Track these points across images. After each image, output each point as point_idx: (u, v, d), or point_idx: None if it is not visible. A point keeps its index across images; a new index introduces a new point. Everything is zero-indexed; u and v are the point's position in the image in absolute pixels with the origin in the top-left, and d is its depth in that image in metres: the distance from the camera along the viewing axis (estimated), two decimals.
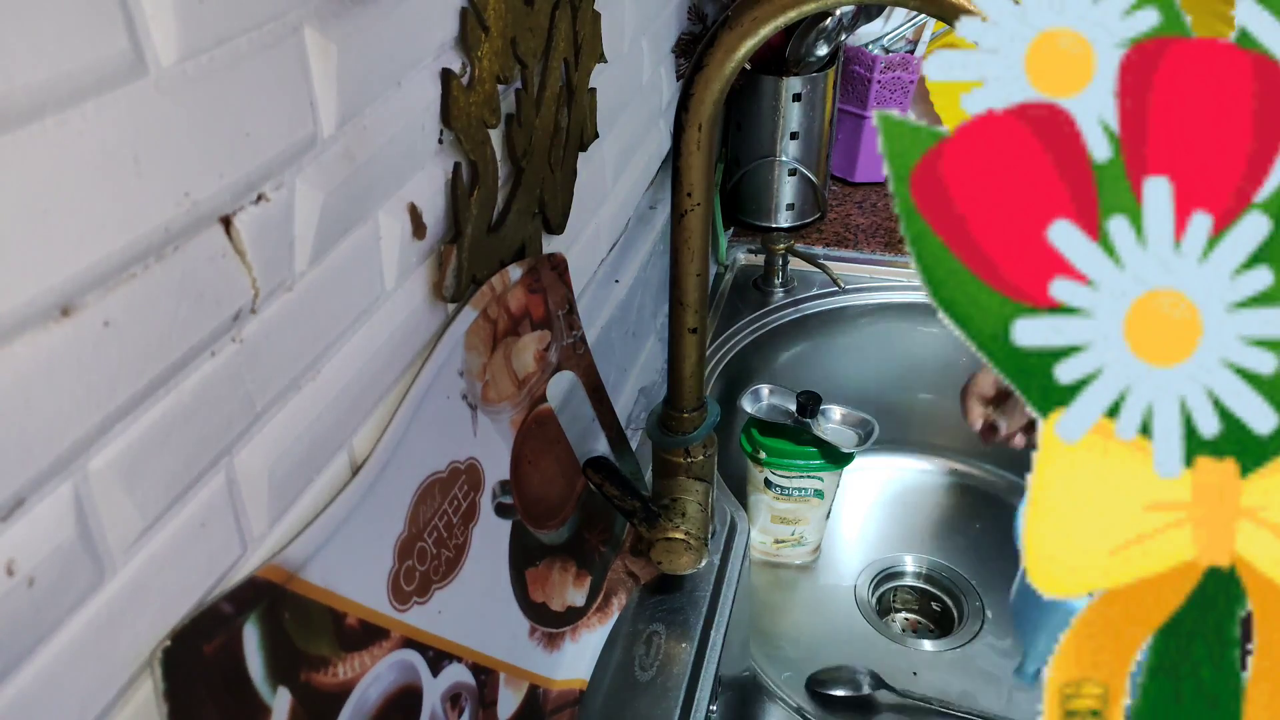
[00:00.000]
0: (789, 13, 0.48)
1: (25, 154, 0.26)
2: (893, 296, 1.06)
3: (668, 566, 0.64)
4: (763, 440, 0.86)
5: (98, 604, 0.30)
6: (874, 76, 1.15)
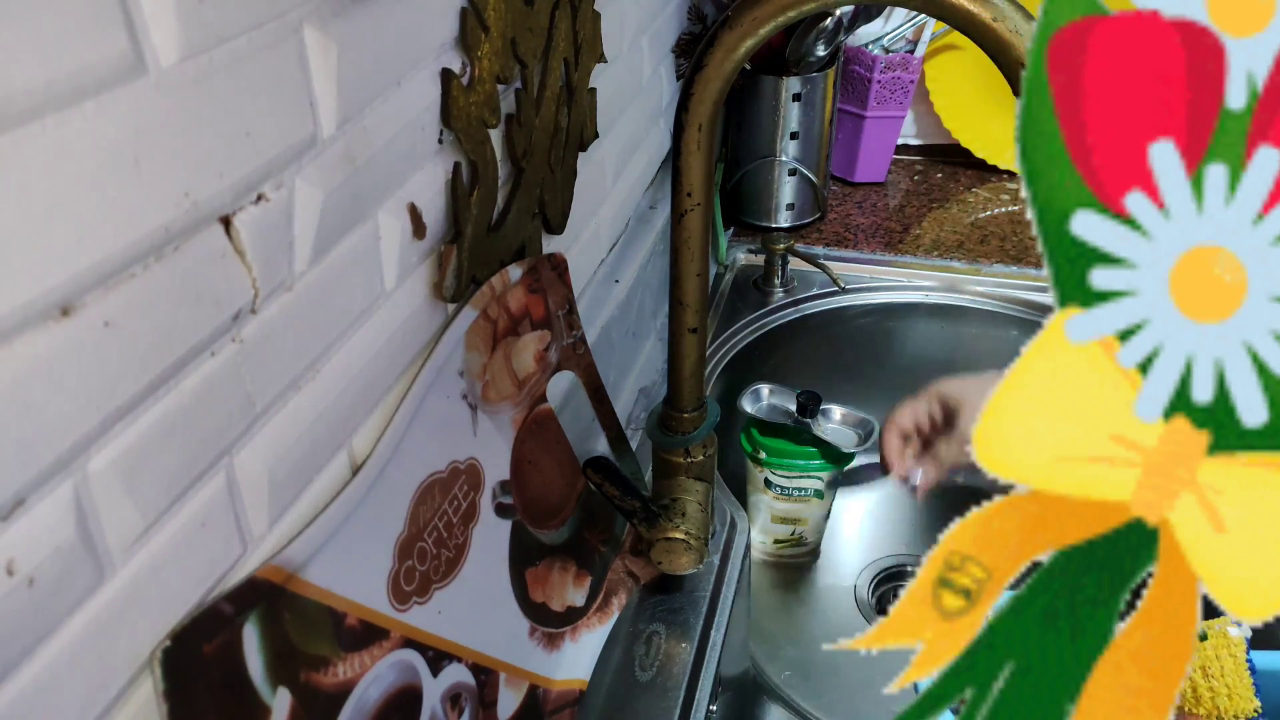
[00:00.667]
0: (789, 13, 0.48)
1: (25, 154, 0.26)
2: (893, 296, 1.06)
3: (668, 566, 0.64)
4: (763, 440, 0.86)
5: (98, 604, 0.30)
6: (874, 76, 1.15)
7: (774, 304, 1.06)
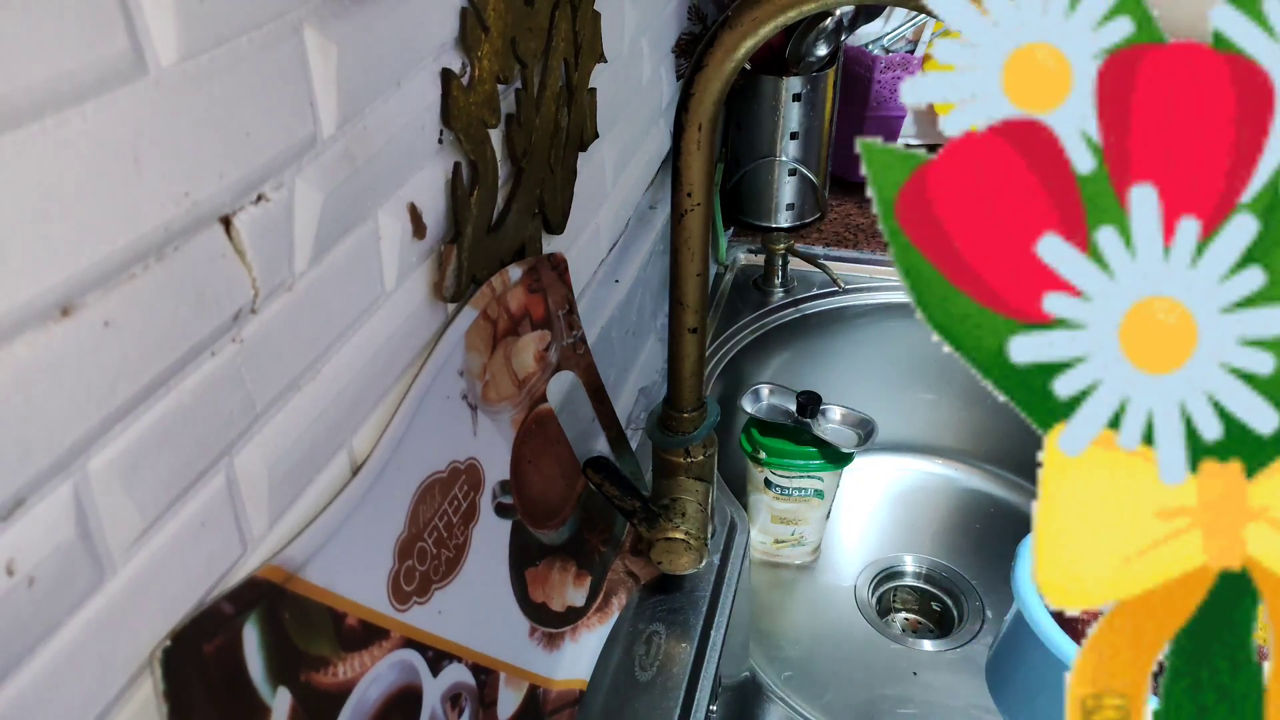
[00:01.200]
0: (789, 13, 0.48)
1: (25, 154, 0.26)
2: (893, 296, 1.06)
3: (668, 566, 0.64)
4: (763, 440, 0.86)
5: (98, 604, 0.30)
6: (874, 76, 1.15)
7: (774, 304, 1.06)
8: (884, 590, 0.96)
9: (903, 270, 0.24)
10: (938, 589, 0.95)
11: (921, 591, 0.96)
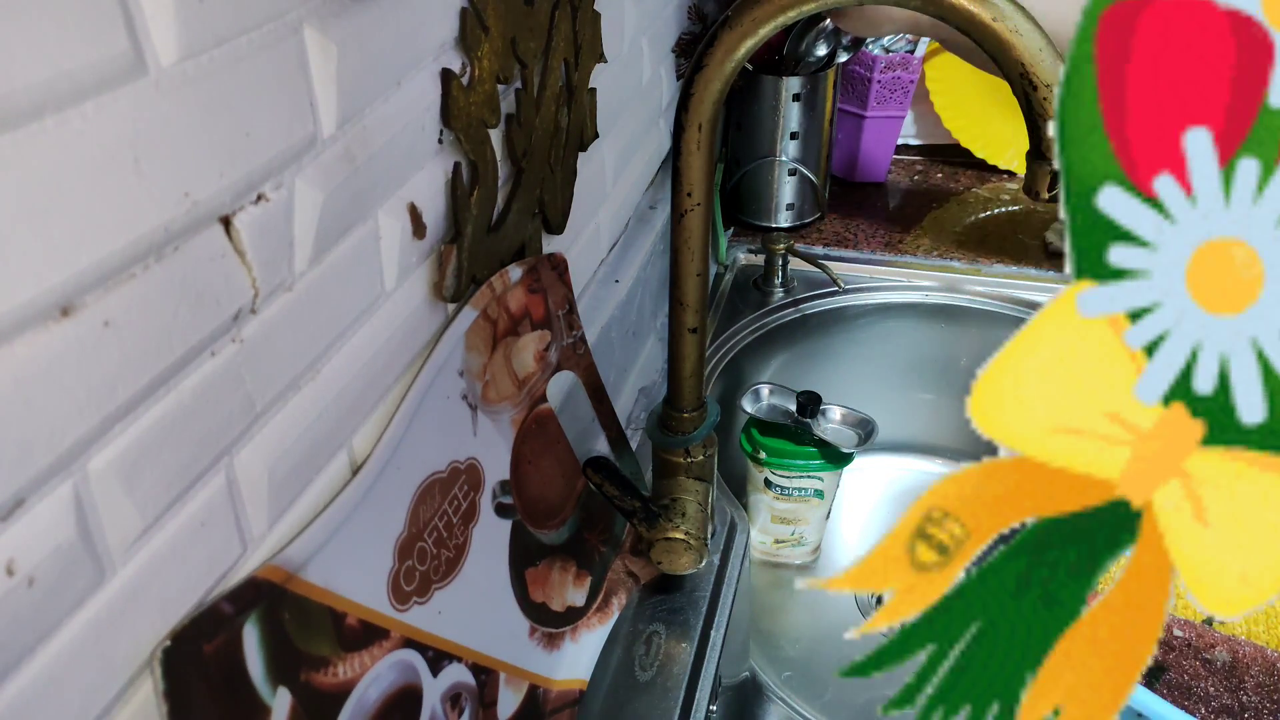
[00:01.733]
0: (789, 13, 0.48)
1: (25, 154, 0.26)
2: (893, 296, 1.06)
3: (668, 566, 0.64)
4: (763, 440, 0.86)
5: (98, 604, 0.30)
6: (874, 76, 1.15)
7: (774, 304, 1.06)
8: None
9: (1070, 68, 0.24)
10: None
11: None
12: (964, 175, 1.27)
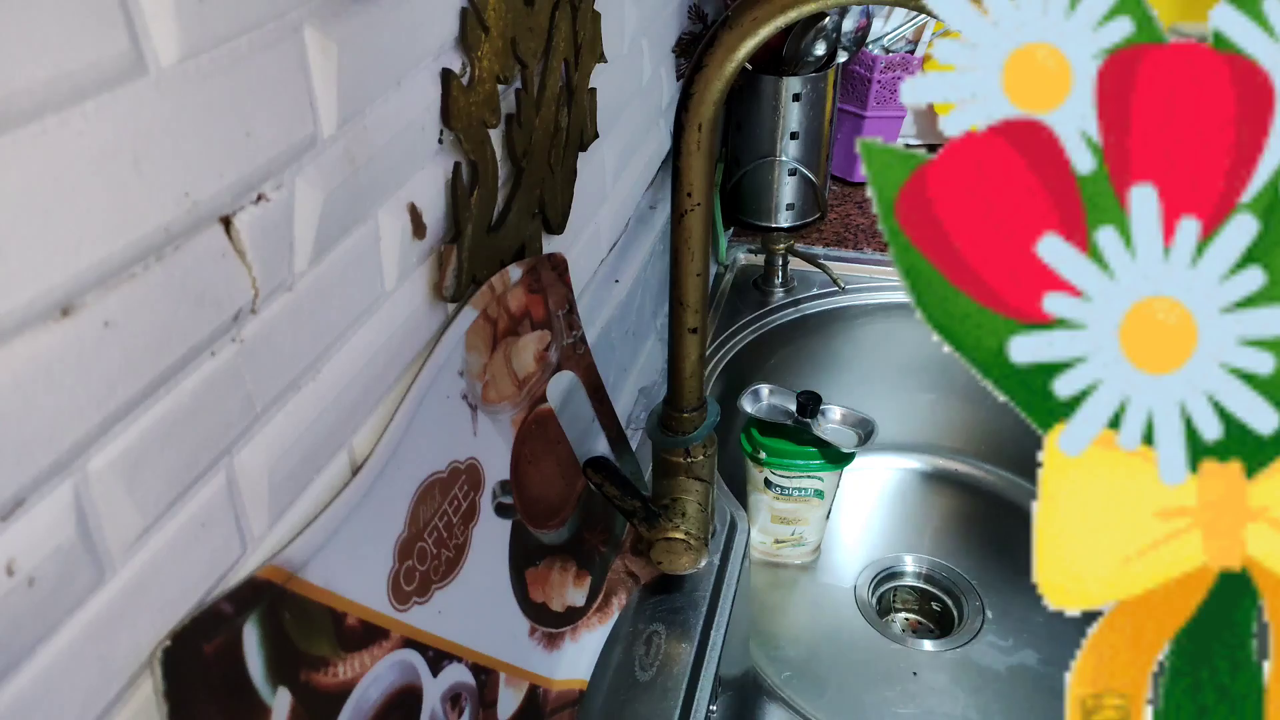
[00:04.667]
0: (789, 13, 0.48)
1: (25, 154, 0.26)
2: (893, 296, 1.06)
3: (668, 566, 0.64)
4: (763, 440, 0.86)
5: (98, 604, 0.30)
6: (874, 76, 1.15)
7: (774, 304, 1.06)
8: (884, 590, 0.96)
9: (903, 270, 0.24)
10: (938, 589, 0.95)
11: (921, 591, 0.96)
12: None
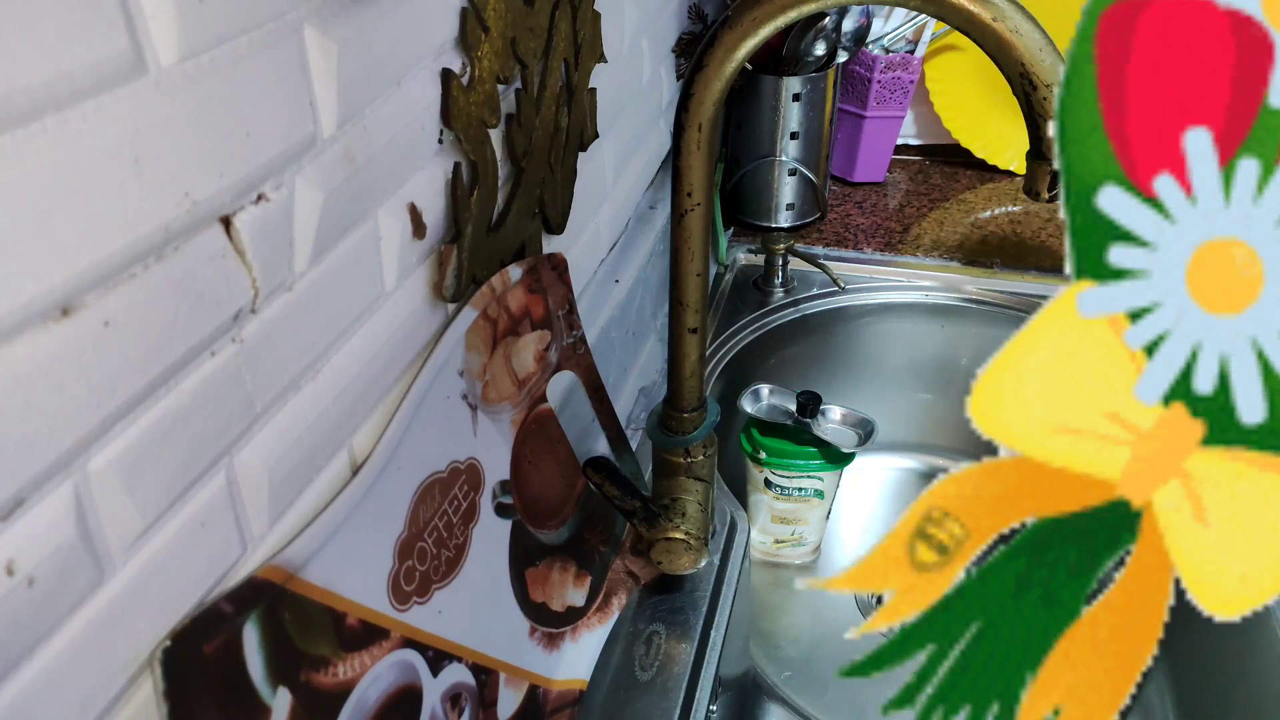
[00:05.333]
0: (789, 13, 0.48)
1: (25, 154, 0.26)
2: (893, 296, 1.06)
3: (668, 566, 0.64)
4: (763, 440, 0.86)
5: (98, 604, 0.30)
6: (874, 76, 1.15)
7: (774, 304, 1.06)
8: None
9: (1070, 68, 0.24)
10: None
11: None
12: (964, 175, 1.27)
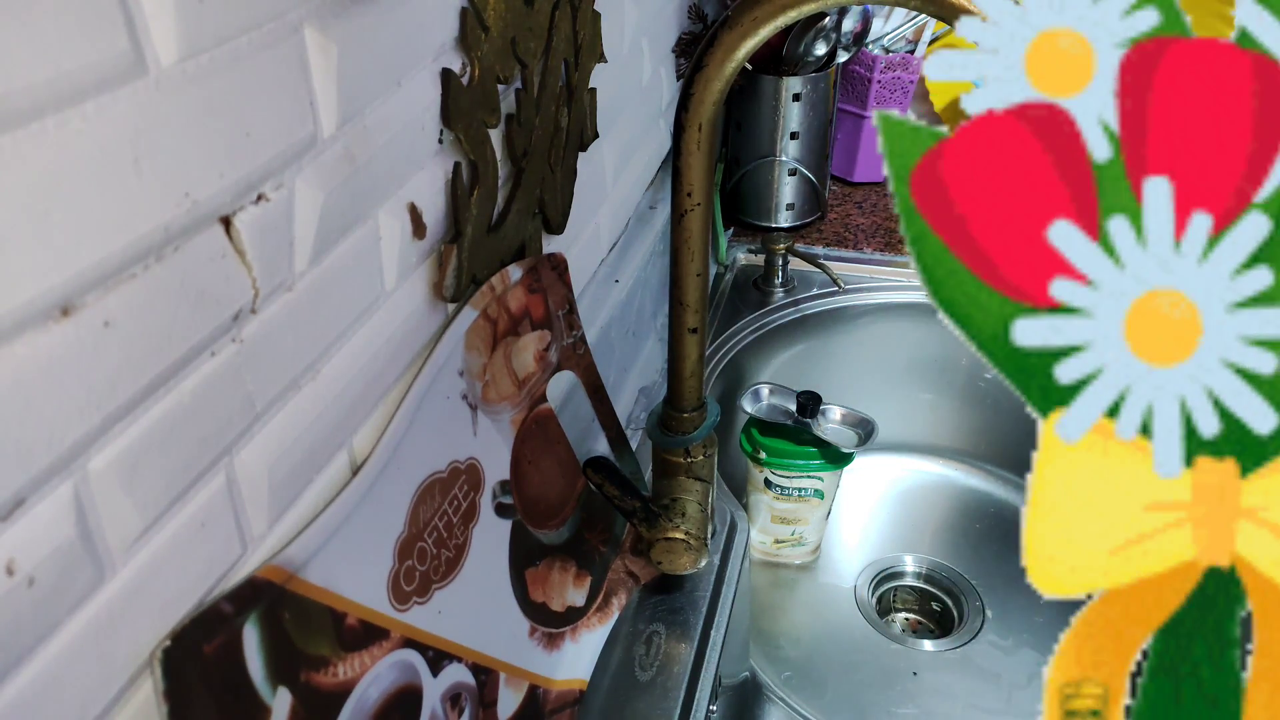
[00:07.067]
0: (789, 13, 0.48)
1: (25, 154, 0.26)
2: (893, 296, 1.06)
3: (668, 566, 0.64)
4: (763, 440, 0.86)
5: (98, 604, 0.30)
6: (874, 76, 1.15)
7: (774, 304, 1.06)
8: (884, 590, 0.96)
9: (911, 243, 0.24)
10: (938, 589, 0.95)
11: (921, 591, 0.96)
12: None
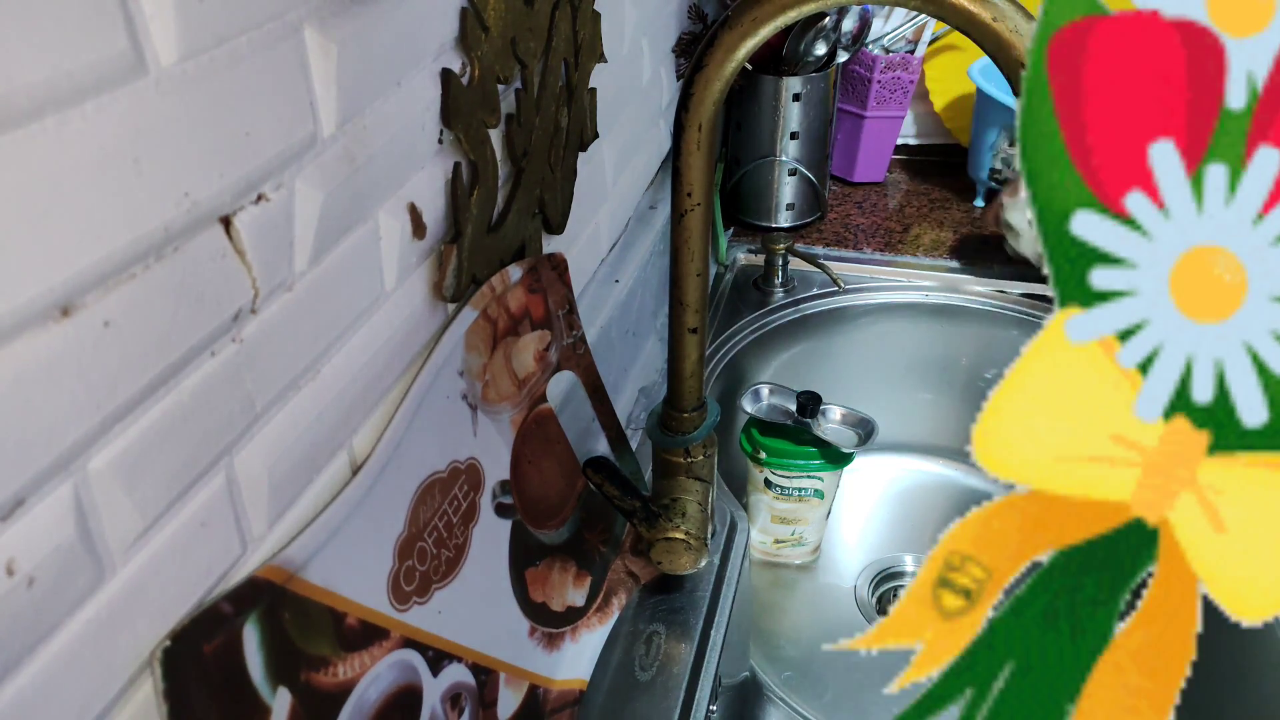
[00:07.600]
0: (789, 13, 0.48)
1: (25, 154, 0.26)
2: (893, 296, 1.06)
3: (668, 566, 0.64)
4: (763, 440, 0.86)
5: (98, 604, 0.30)
6: (874, 76, 1.15)
7: (774, 304, 1.06)
8: (884, 590, 0.96)
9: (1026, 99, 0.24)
10: None
11: None
12: (964, 175, 1.27)
